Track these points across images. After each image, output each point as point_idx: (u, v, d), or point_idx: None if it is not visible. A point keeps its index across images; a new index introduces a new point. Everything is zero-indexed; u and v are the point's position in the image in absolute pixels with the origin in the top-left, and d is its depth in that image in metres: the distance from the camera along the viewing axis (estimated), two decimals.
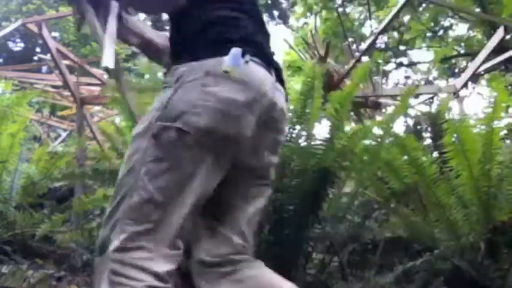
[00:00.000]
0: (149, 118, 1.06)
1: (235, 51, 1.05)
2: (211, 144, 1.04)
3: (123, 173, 1.06)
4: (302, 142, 2.30)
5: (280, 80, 1.18)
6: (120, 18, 1.25)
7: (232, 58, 1.05)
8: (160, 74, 3.06)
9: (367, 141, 2.51)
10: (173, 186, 1.03)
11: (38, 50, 13.99)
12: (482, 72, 6.87)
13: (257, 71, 1.08)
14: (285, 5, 18.97)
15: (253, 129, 1.07)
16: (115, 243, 0.99)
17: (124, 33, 1.31)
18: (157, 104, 1.08)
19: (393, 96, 5.42)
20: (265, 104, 1.08)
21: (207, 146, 1.03)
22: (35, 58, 11.64)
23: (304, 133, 2.30)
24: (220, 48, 1.06)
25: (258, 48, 1.12)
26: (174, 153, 1.02)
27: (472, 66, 4.85)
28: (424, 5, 9.83)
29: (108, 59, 1.11)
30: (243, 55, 1.05)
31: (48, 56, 5.34)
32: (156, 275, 0.99)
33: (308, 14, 11.06)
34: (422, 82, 10.65)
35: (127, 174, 1.05)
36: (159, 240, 1.01)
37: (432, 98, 6.27)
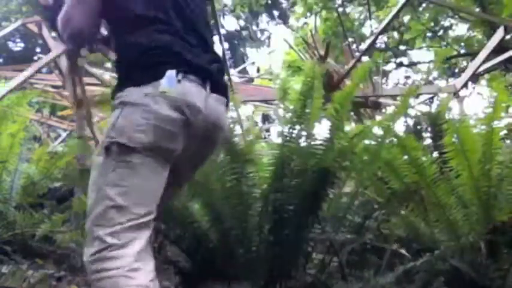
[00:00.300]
0: (104, 139, 1.25)
1: (170, 73, 1.21)
2: (153, 154, 1.23)
3: (89, 187, 1.25)
4: (302, 142, 2.30)
5: (219, 87, 1.34)
6: (108, 41, 1.49)
7: (168, 80, 1.21)
8: None
9: (367, 141, 2.51)
10: (130, 190, 1.21)
11: (38, 50, 13.99)
12: (482, 72, 6.87)
13: (190, 89, 1.25)
14: (285, 5, 18.96)
15: (189, 138, 1.27)
16: (90, 250, 1.16)
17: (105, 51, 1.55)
18: (108, 124, 1.26)
19: (393, 96, 5.42)
20: (199, 117, 1.27)
21: (150, 155, 1.23)
22: (35, 58, 11.64)
23: (304, 133, 2.30)
24: (155, 73, 1.23)
25: (191, 65, 1.27)
26: (124, 164, 1.21)
27: (472, 66, 4.85)
28: (424, 5, 9.83)
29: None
30: (176, 75, 1.22)
31: (48, 56, 5.33)
32: (133, 256, 1.16)
33: (308, 14, 11.06)
34: (423, 82, 10.65)
35: (92, 191, 1.24)
36: (127, 236, 1.18)
37: (432, 98, 6.27)
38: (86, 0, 1.35)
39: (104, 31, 1.54)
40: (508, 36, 4.93)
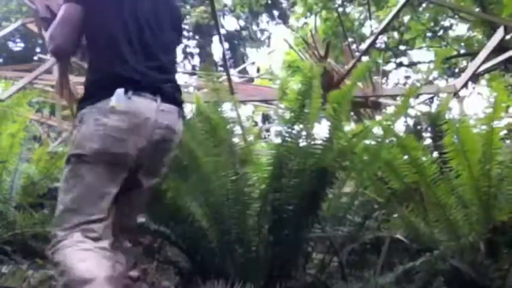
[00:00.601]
0: (68, 151, 1.55)
1: (119, 91, 1.46)
2: (104, 160, 1.47)
3: (59, 193, 1.53)
4: (301, 142, 2.30)
5: (170, 100, 1.60)
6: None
7: (116, 97, 1.46)
8: None
9: (367, 141, 2.51)
10: (82, 195, 1.47)
11: (38, 50, 13.99)
12: (482, 72, 6.87)
13: (139, 103, 1.50)
14: (285, 5, 18.97)
15: (143, 144, 1.51)
16: (52, 243, 1.45)
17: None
18: (71, 140, 1.56)
19: (393, 96, 5.42)
20: (149, 125, 1.51)
21: (102, 161, 1.47)
22: (35, 58, 11.63)
23: (303, 133, 2.30)
24: (108, 92, 1.47)
25: (142, 83, 1.53)
26: (80, 172, 1.47)
27: (472, 66, 4.85)
28: (424, 5, 9.83)
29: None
30: (126, 92, 1.47)
31: (48, 56, 5.33)
32: (93, 239, 1.44)
33: (308, 14, 11.06)
34: (423, 82, 10.64)
35: (59, 193, 1.52)
36: (82, 233, 1.44)
37: (432, 98, 6.27)
38: (69, 22, 1.57)
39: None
40: (508, 36, 4.93)
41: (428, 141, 3.52)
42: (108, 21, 1.59)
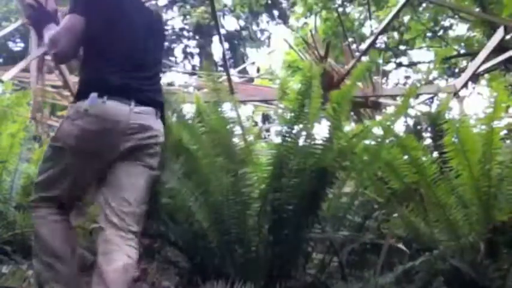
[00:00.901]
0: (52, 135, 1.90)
1: (93, 95, 1.71)
2: (79, 154, 1.79)
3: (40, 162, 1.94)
4: (301, 142, 2.30)
5: (147, 103, 1.85)
6: None
7: (90, 100, 1.72)
8: None
9: (367, 141, 2.51)
10: (56, 175, 1.83)
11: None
12: (482, 72, 6.87)
13: (112, 107, 1.74)
14: (285, 5, 18.97)
15: (112, 142, 1.76)
16: (31, 198, 1.91)
17: None
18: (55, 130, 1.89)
19: (393, 96, 5.42)
20: (121, 126, 1.75)
21: (77, 155, 1.79)
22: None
23: (303, 133, 2.30)
24: (85, 94, 1.74)
25: (119, 90, 1.77)
26: (58, 158, 1.83)
27: (472, 66, 4.85)
28: (424, 5, 9.83)
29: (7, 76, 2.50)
30: (102, 97, 1.72)
31: (48, 56, 5.33)
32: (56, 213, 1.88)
33: (308, 14, 11.05)
34: (423, 82, 10.64)
35: (40, 163, 1.93)
36: (49, 201, 1.86)
37: (432, 98, 6.27)
38: (73, 31, 1.77)
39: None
40: (508, 36, 4.93)
41: (428, 141, 3.52)
42: (103, 32, 1.82)
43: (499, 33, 4.26)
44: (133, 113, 1.79)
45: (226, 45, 18.17)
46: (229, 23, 20.74)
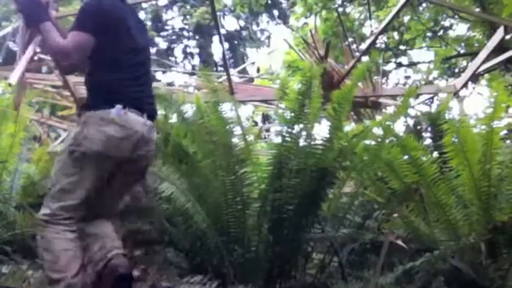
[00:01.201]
0: (68, 142, 1.92)
1: (118, 107, 1.85)
2: (103, 159, 1.87)
3: (54, 173, 1.92)
4: (301, 142, 2.30)
5: (151, 117, 2.00)
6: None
7: (116, 111, 1.85)
8: None
9: (367, 141, 2.51)
10: (77, 181, 1.86)
11: (37, 49, 13.96)
12: (482, 72, 6.86)
13: (132, 118, 1.88)
14: (285, 5, 18.96)
15: (130, 150, 1.89)
16: (43, 211, 1.87)
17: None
18: (73, 134, 1.92)
19: (393, 96, 5.41)
20: (137, 136, 1.89)
21: (100, 160, 1.87)
22: (35, 58, 11.61)
23: (303, 133, 2.30)
24: (109, 105, 1.86)
25: (135, 102, 1.92)
26: (79, 164, 1.86)
27: (472, 66, 4.84)
28: (424, 5, 9.83)
29: (14, 77, 2.01)
30: (124, 108, 1.86)
31: (48, 56, 5.32)
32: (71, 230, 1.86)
33: (308, 14, 11.04)
34: (423, 82, 10.64)
35: (55, 174, 1.91)
36: (70, 210, 1.86)
37: (432, 98, 6.26)
38: (83, 47, 1.90)
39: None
40: (508, 36, 4.92)
41: (428, 141, 3.52)
42: (115, 51, 1.97)
43: (499, 33, 4.25)
44: (145, 126, 1.95)
45: (226, 45, 18.17)
46: (229, 23, 20.72)
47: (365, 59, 5.07)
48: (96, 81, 2.01)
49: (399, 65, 11.73)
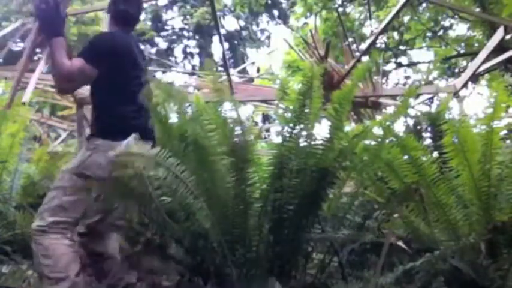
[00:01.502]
0: (75, 163, 2.08)
1: (130, 139, 1.97)
2: (104, 183, 1.97)
3: (54, 188, 2.08)
4: (301, 142, 2.30)
5: (151, 136, 2.16)
6: None
7: (127, 144, 1.96)
8: None
9: (367, 141, 2.50)
10: (75, 201, 2.01)
11: (37, 49, 13.96)
12: (482, 72, 6.87)
13: (141, 148, 1.96)
14: (285, 5, 18.97)
15: None
16: (37, 223, 2.01)
17: None
18: (80, 157, 2.09)
19: (393, 96, 5.42)
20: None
21: (101, 184, 1.98)
22: (35, 58, 11.61)
23: (303, 133, 2.30)
24: (122, 136, 2.00)
25: (142, 132, 2.05)
26: (81, 186, 2.01)
27: (472, 66, 4.85)
28: (424, 5, 9.83)
29: (27, 96, 2.77)
30: (133, 139, 1.96)
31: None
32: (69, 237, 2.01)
33: (308, 14, 11.04)
34: (423, 82, 10.64)
35: (55, 189, 2.06)
36: (64, 225, 2.00)
37: (432, 98, 6.26)
38: (86, 76, 2.01)
39: None
40: (508, 36, 4.93)
41: (428, 141, 3.53)
42: (123, 82, 2.10)
43: (499, 33, 4.25)
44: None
45: (226, 45, 18.17)
46: (229, 23, 20.74)
47: (365, 59, 5.07)
48: (105, 111, 2.15)
49: (399, 65, 11.74)
